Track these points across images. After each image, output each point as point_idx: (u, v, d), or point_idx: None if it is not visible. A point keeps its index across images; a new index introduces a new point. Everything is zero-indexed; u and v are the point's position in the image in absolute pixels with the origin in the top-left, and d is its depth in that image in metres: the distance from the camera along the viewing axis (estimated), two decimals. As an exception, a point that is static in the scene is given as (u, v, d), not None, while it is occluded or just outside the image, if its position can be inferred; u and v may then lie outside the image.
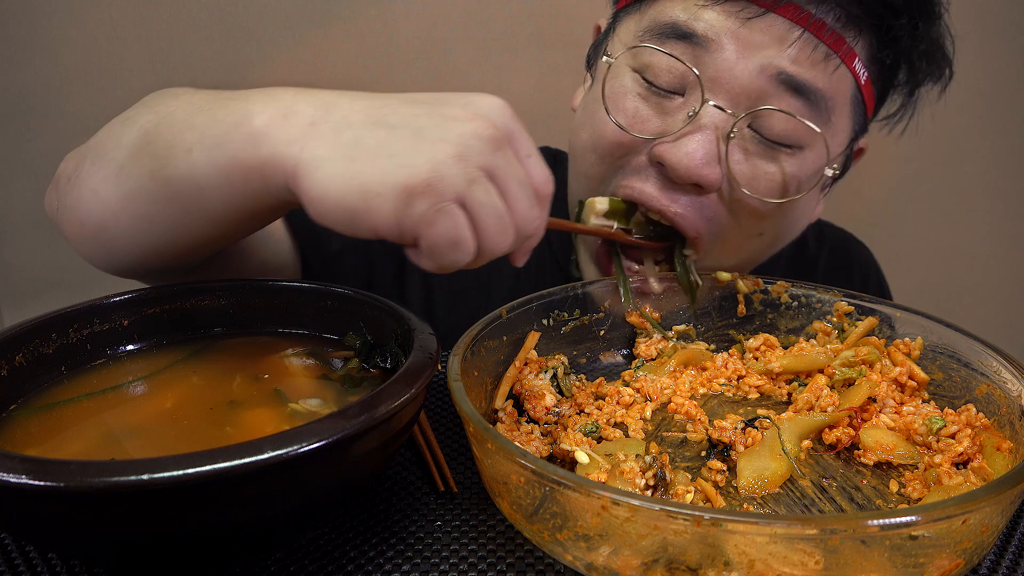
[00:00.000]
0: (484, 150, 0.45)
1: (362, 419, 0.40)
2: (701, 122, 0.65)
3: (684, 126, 0.66)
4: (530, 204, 0.48)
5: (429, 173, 0.43)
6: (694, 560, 0.39)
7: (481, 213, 0.45)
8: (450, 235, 0.44)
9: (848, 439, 0.55)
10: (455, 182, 0.44)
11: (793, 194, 0.68)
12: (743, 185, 0.67)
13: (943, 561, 0.39)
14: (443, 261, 0.46)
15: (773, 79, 0.64)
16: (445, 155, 0.44)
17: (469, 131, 0.45)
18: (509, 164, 0.47)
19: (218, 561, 0.44)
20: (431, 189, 0.43)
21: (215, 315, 0.60)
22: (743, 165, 0.67)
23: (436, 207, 0.44)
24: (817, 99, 0.65)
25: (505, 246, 0.47)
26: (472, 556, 0.47)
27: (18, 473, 0.34)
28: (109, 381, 0.54)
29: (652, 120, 0.68)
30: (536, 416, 0.58)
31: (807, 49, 0.64)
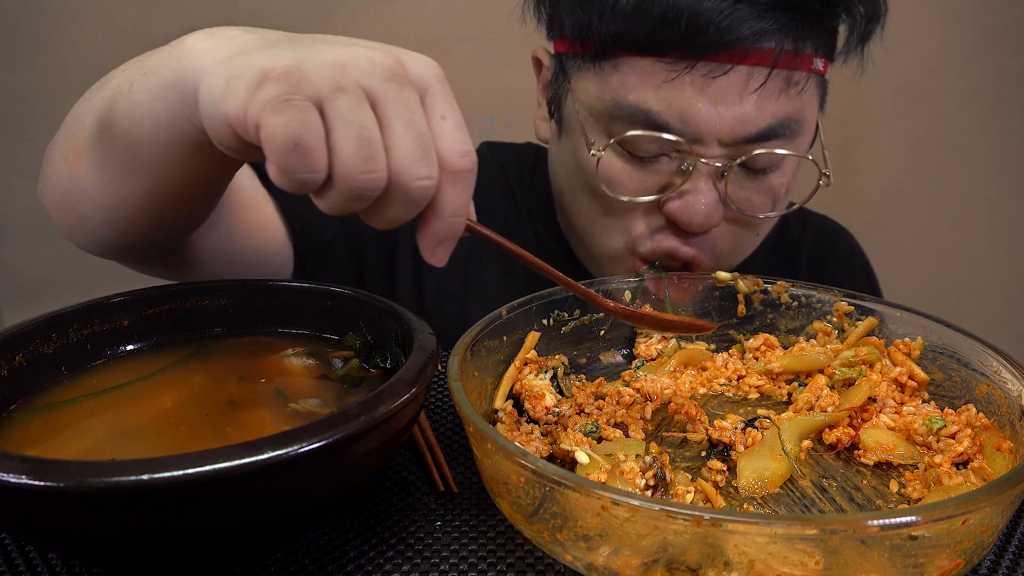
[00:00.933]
0: (372, 72, 0.40)
1: (362, 419, 0.40)
2: (698, 180, 0.69)
3: (682, 181, 0.69)
4: (419, 153, 0.41)
5: (291, 62, 0.39)
6: (694, 560, 0.39)
7: (339, 124, 0.39)
8: (290, 131, 0.38)
9: (848, 439, 0.55)
10: (318, 81, 0.39)
11: (783, 200, 0.74)
12: (742, 209, 0.71)
13: (943, 561, 0.39)
14: (284, 164, 0.39)
15: (745, 137, 0.67)
16: (322, 57, 0.40)
17: (364, 53, 0.41)
18: (402, 100, 0.41)
19: (218, 561, 0.44)
20: (286, 76, 0.39)
21: (215, 315, 0.60)
22: (738, 194, 0.71)
23: (284, 96, 0.38)
24: (788, 127, 0.69)
25: (366, 179, 0.40)
26: (472, 556, 0.47)
27: (18, 473, 0.34)
28: (109, 381, 0.54)
29: (648, 183, 0.71)
30: (536, 416, 0.58)
31: (775, 87, 0.67)
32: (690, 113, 0.66)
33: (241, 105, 0.39)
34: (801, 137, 0.71)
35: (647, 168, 0.71)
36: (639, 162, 0.70)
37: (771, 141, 0.68)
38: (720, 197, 0.70)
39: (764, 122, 0.67)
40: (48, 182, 0.60)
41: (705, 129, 0.67)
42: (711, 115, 0.66)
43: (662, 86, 0.66)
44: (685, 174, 0.69)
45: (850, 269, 0.99)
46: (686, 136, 0.67)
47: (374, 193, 0.41)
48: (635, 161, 0.71)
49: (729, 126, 0.67)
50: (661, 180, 0.71)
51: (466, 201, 0.44)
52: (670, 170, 0.70)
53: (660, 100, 0.66)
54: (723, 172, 0.69)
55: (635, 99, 0.67)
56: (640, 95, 0.67)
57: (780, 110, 0.67)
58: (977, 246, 1.60)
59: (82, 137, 0.55)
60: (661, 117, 0.67)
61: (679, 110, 0.66)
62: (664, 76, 0.66)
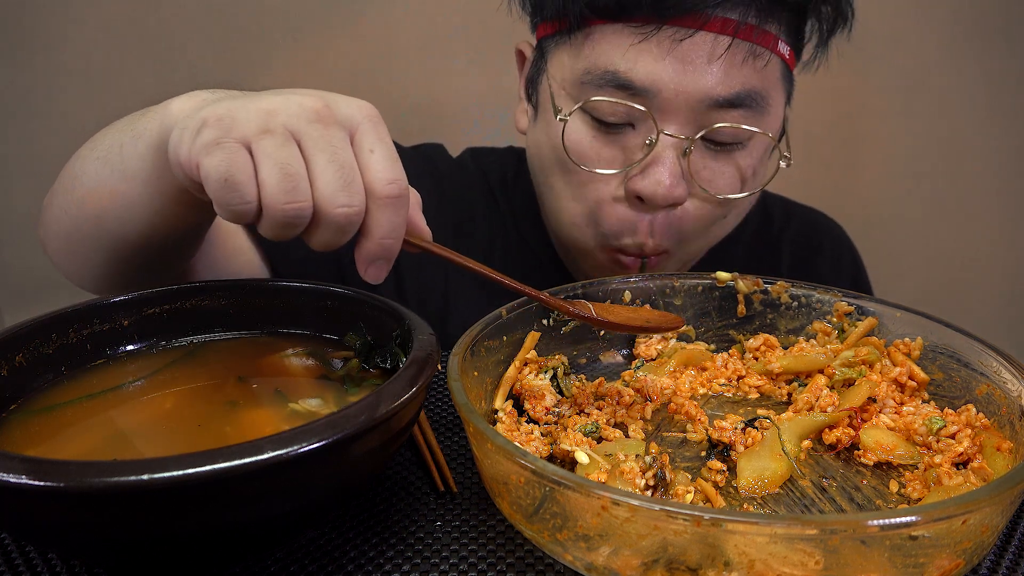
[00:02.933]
0: (299, 115, 0.46)
1: (362, 419, 0.40)
2: (659, 149, 0.71)
3: (645, 156, 0.71)
4: (339, 184, 0.45)
5: (225, 111, 0.45)
6: (694, 560, 0.39)
7: (264, 162, 0.44)
8: (220, 168, 0.44)
9: (848, 439, 0.55)
10: (246, 126, 0.45)
11: (751, 181, 0.75)
12: (707, 188, 0.73)
13: (943, 561, 0.39)
14: (218, 197, 0.45)
15: (713, 104, 0.69)
16: (255, 106, 0.45)
17: (295, 100, 0.46)
18: (325, 138, 0.46)
19: (218, 561, 0.44)
20: (219, 123, 0.44)
21: (215, 315, 0.60)
22: (703, 172, 0.73)
23: (216, 140, 0.44)
24: (753, 100, 0.70)
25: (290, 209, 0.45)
26: (472, 556, 0.47)
27: (18, 473, 0.34)
28: (109, 381, 0.54)
29: (614, 156, 0.73)
30: (536, 416, 0.58)
31: (737, 56, 0.68)
32: (655, 74, 0.68)
33: (186, 150, 0.46)
34: (766, 118, 0.72)
35: (613, 139, 0.73)
36: (605, 132, 0.73)
37: (735, 111, 0.70)
38: (684, 173, 0.71)
39: (728, 90, 0.69)
40: (50, 231, 0.66)
41: (669, 92, 0.68)
42: (675, 77, 0.68)
43: (629, 49, 0.69)
44: (650, 147, 0.70)
45: (836, 262, 0.99)
46: (651, 102, 0.69)
47: (301, 221, 0.46)
48: (601, 131, 0.73)
49: (692, 90, 0.68)
50: (626, 154, 0.73)
51: (396, 224, 0.47)
52: (635, 144, 0.72)
53: (627, 61, 0.69)
54: (687, 148, 0.70)
55: (604, 62, 0.70)
56: (609, 58, 0.70)
57: (744, 81, 0.69)
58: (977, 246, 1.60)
59: (79, 193, 0.60)
60: (627, 76, 0.69)
61: (644, 71, 0.68)
62: (632, 39, 0.68)
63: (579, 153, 0.74)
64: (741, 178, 0.74)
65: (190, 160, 0.45)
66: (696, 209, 0.75)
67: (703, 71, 0.68)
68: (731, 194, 0.74)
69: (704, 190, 0.73)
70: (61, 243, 0.66)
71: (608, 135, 0.73)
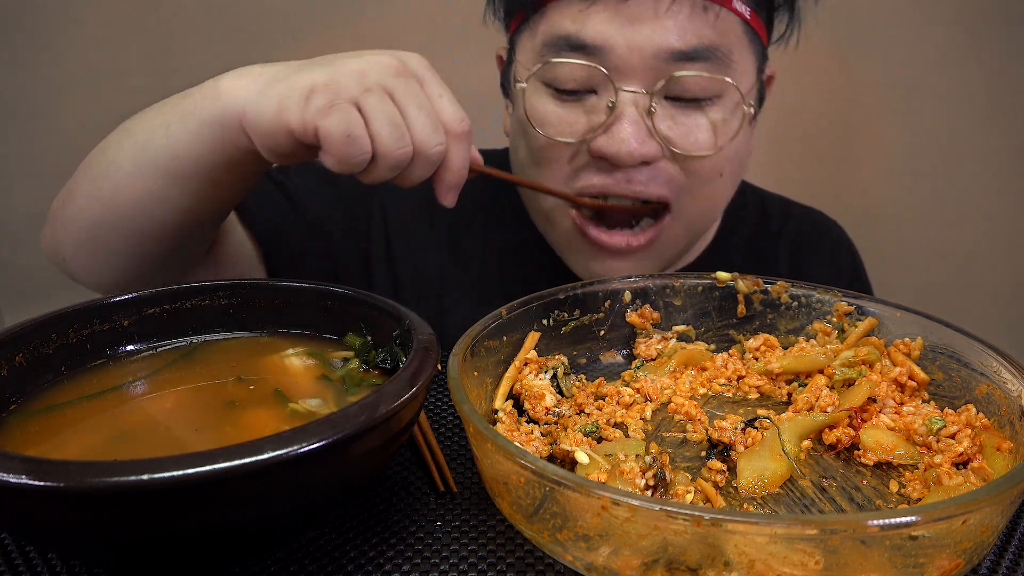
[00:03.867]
0: (385, 73, 0.54)
1: (362, 419, 0.40)
2: (622, 109, 0.71)
3: (608, 117, 0.71)
4: (431, 127, 0.55)
5: (327, 78, 0.53)
6: (694, 560, 0.39)
7: (374, 116, 0.53)
8: (342, 127, 0.52)
9: (848, 439, 0.55)
10: (351, 87, 0.53)
11: (725, 137, 0.75)
12: (680, 146, 0.73)
13: (943, 561, 0.39)
14: (340, 153, 0.53)
15: (669, 57, 0.70)
16: (347, 69, 0.53)
17: (375, 60, 0.55)
18: (410, 90, 0.55)
19: (218, 561, 0.44)
20: (327, 88, 0.52)
21: (215, 315, 0.60)
22: (673, 130, 0.73)
23: (331, 103, 0.52)
24: (711, 53, 0.71)
25: (400, 154, 0.54)
26: (472, 556, 0.47)
27: (18, 473, 0.34)
28: (109, 381, 0.54)
29: (578, 121, 0.74)
30: (536, 416, 0.58)
31: (684, 10, 0.69)
32: (605, 32, 0.70)
33: (298, 115, 0.52)
34: (728, 72, 0.72)
35: (574, 106, 0.74)
36: (566, 99, 0.74)
37: (694, 64, 0.70)
38: (651, 131, 0.71)
39: (682, 43, 0.69)
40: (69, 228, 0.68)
41: (622, 49, 0.69)
42: (626, 33, 0.69)
43: (579, 14, 0.71)
44: (611, 109, 0.71)
45: (834, 262, 0.98)
46: (606, 61, 0.70)
47: (406, 162, 0.55)
48: (562, 99, 0.74)
49: (645, 44, 0.69)
50: (590, 119, 0.73)
51: (467, 156, 0.58)
52: (599, 108, 0.72)
53: (577, 24, 0.71)
54: (651, 106, 0.71)
55: (556, 29, 0.72)
56: (561, 25, 0.72)
57: (698, 35, 0.70)
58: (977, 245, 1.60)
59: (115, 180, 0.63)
60: (578, 38, 0.71)
61: (594, 30, 0.70)
62: (579, 7, 0.71)
63: (542, 122, 0.75)
64: (713, 133, 0.74)
65: (304, 124, 0.52)
66: (675, 168, 0.74)
67: (653, 26, 0.69)
68: (702, 151, 0.73)
69: (675, 147, 0.73)
70: (83, 237, 0.67)
71: (570, 102, 0.74)
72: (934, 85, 1.50)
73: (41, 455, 0.45)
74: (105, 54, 1.33)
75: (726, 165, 0.77)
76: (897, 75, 1.50)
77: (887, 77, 1.50)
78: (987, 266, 1.62)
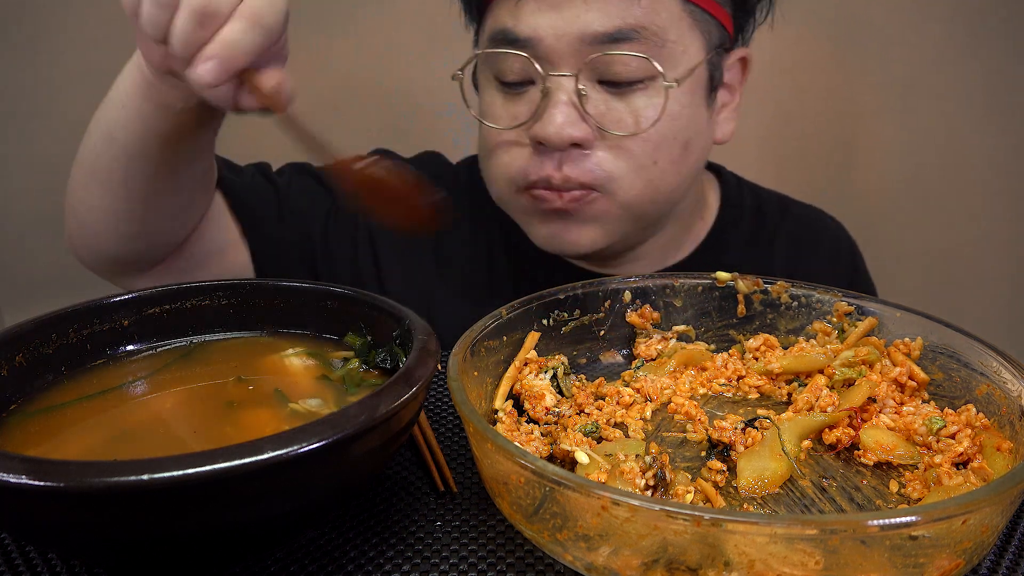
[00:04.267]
0: None
1: (362, 419, 0.40)
2: (554, 95, 0.73)
3: (542, 104, 0.74)
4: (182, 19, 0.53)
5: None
6: (694, 560, 0.39)
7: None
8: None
9: (848, 439, 0.55)
10: None
11: (656, 118, 0.74)
12: (610, 127, 0.74)
13: (943, 561, 0.39)
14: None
15: (593, 39, 0.71)
16: None
17: None
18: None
19: (218, 561, 0.44)
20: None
21: (215, 315, 0.60)
22: (605, 113, 0.74)
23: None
24: (639, 34, 0.72)
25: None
26: (472, 556, 0.47)
27: (18, 473, 0.34)
28: (109, 381, 0.54)
29: (517, 112, 0.76)
30: (536, 416, 0.58)
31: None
32: (534, 23, 0.72)
33: None
34: (664, 57, 0.73)
35: (516, 97, 0.76)
36: (508, 91, 0.77)
37: (621, 45, 0.71)
38: (582, 115, 0.73)
39: (606, 25, 0.71)
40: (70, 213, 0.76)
41: (551, 37, 0.71)
42: (553, 22, 0.71)
43: (513, 10, 0.73)
44: (545, 96, 0.73)
45: (833, 259, 0.98)
46: (537, 52, 0.72)
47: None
48: (505, 91, 0.77)
49: (571, 30, 0.71)
50: (530, 109, 0.75)
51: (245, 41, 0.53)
52: (535, 97, 0.74)
53: (513, 18, 0.73)
54: (580, 88, 0.72)
55: (496, 24, 0.75)
56: (500, 20, 0.75)
57: (623, 16, 0.71)
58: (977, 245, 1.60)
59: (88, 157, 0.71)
60: (513, 32, 0.73)
61: (526, 23, 0.72)
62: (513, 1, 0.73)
63: (487, 114, 0.79)
64: (644, 114, 0.74)
65: None
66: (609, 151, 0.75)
67: (579, 11, 0.71)
68: (629, 131, 0.74)
69: (606, 129, 0.74)
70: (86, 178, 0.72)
71: (511, 94, 0.77)
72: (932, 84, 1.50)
73: (41, 455, 0.45)
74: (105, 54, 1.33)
75: (662, 152, 0.76)
76: (895, 74, 1.50)
77: (885, 76, 1.50)
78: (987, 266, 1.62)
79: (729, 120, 0.85)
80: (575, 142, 0.73)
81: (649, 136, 0.74)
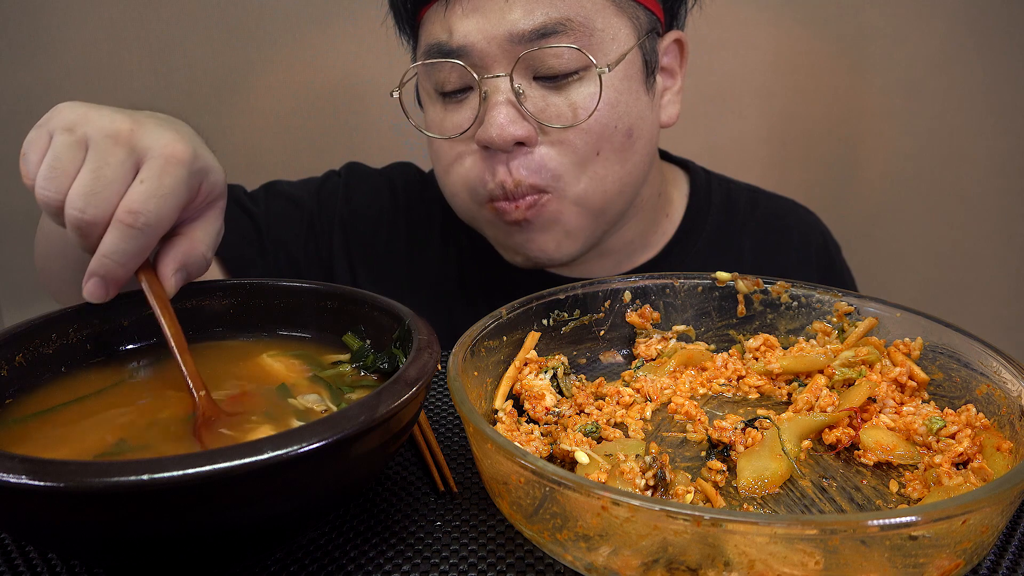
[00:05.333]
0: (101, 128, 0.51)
1: (362, 419, 0.40)
2: (492, 97, 0.74)
3: (480, 109, 0.75)
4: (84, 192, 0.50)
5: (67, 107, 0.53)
6: (694, 560, 0.39)
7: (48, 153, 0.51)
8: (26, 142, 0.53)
9: (848, 439, 0.55)
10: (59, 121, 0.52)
11: (594, 107, 0.75)
12: (550, 121, 0.75)
13: (943, 561, 0.40)
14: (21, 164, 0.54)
15: (521, 38, 0.72)
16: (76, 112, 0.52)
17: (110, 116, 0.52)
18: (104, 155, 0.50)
19: (218, 561, 0.44)
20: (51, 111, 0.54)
21: (215, 315, 0.61)
22: (544, 108, 0.75)
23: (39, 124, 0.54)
24: (565, 26, 0.72)
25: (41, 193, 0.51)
26: (472, 556, 0.47)
27: (18, 473, 0.34)
28: (109, 381, 0.54)
29: (461, 121, 0.77)
30: (536, 416, 0.58)
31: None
32: (464, 30, 0.73)
33: None
34: (594, 46, 0.74)
35: (458, 107, 0.77)
36: (450, 102, 0.77)
37: (549, 40, 0.72)
38: (523, 114, 0.74)
39: (530, 22, 0.71)
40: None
41: (481, 42, 0.72)
42: (480, 26, 0.72)
43: (443, 22, 0.74)
44: (485, 101, 0.74)
45: (803, 250, 0.97)
46: (472, 59, 0.73)
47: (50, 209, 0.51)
48: (447, 102, 0.78)
49: (498, 32, 0.72)
50: (472, 115, 0.76)
51: (121, 249, 0.50)
52: (476, 104, 0.75)
53: (444, 30, 0.74)
54: (517, 87, 0.73)
55: (429, 38, 0.76)
56: (432, 34, 0.76)
57: (545, 11, 0.72)
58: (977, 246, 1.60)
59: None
60: (446, 44, 0.74)
61: (458, 32, 0.73)
62: (442, 12, 0.74)
63: (431, 126, 0.80)
64: (581, 105, 0.75)
65: None
66: (552, 148, 0.75)
67: (502, 12, 0.72)
68: (568, 123, 0.75)
69: (545, 124, 0.74)
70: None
71: (453, 104, 0.77)
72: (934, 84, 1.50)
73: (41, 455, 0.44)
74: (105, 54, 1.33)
75: (603, 140, 0.76)
76: (897, 75, 1.50)
77: (887, 77, 1.50)
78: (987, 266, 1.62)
79: (673, 103, 0.85)
80: (519, 140, 0.74)
81: (590, 127, 0.75)
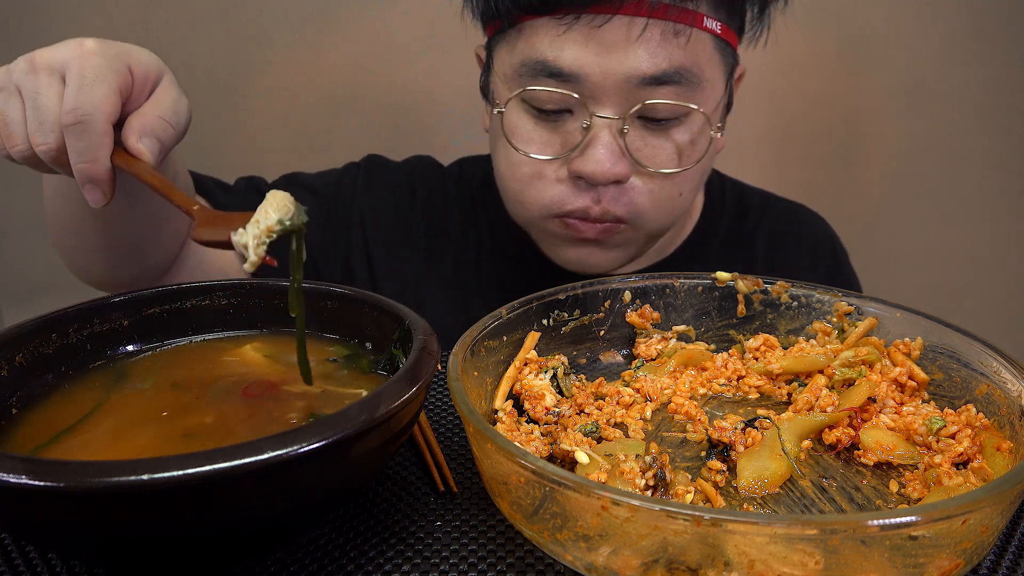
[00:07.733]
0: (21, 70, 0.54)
1: (362, 419, 0.40)
2: (596, 131, 0.74)
3: (584, 138, 0.74)
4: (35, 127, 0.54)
5: None
6: (694, 560, 0.39)
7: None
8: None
9: (848, 439, 0.55)
10: None
11: (691, 155, 0.77)
12: (649, 165, 0.76)
13: (943, 561, 0.39)
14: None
15: (640, 82, 0.72)
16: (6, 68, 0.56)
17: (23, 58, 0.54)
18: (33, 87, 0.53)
19: (218, 561, 0.44)
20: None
21: (215, 315, 0.60)
22: (643, 150, 0.76)
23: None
24: (682, 76, 0.73)
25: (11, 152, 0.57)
26: (472, 556, 0.47)
27: (18, 473, 0.34)
28: (109, 381, 0.54)
29: (555, 140, 0.77)
30: (536, 416, 0.58)
31: (655, 35, 0.71)
32: (580, 59, 0.72)
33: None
34: (700, 93, 0.74)
35: (552, 126, 0.76)
36: (544, 119, 0.76)
37: (665, 88, 0.72)
38: (623, 152, 0.74)
39: (653, 68, 0.71)
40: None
41: (596, 76, 0.72)
42: (599, 60, 0.71)
43: (555, 40, 0.73)
44: (587, 131, 0.74)
45: (812, 253, 0.99)
46: (581, 88, 0.73)
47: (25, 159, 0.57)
48: (541, 118, 0.77)
49: (618, 71, 0.71)
50: (566, 139, 0.76)
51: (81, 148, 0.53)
52: (574, 128, 0.75)
53: (554, 50, 0.73)
54: (623, 127, 0.73)
55: (534, 53, 0.74)
56: (538, 49, 0.74)
57: (669, 59, 0.72)
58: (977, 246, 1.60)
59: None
60: (555, 66, 0.73)
61: (570, 57, 0.72)
62: (556, 31, 0.72)
63: (522, 140, 0.78)
64: (680, 153, 0.76)
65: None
66: (644, 185, 0.77)
67: (625, 52, 0.71)
68: (668, 168, 0.76)
69: (644, 166, 0.75)
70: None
71: (548, 122, 0.76)
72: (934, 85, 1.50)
73: (41, 455, 0.45)
74: (105, 54, 1.33)
75: (687, 183, 0.79)
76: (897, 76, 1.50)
77: (887, 78, 1.50)
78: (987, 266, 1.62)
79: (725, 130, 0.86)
80: (616, 180, 0.75)
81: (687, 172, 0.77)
